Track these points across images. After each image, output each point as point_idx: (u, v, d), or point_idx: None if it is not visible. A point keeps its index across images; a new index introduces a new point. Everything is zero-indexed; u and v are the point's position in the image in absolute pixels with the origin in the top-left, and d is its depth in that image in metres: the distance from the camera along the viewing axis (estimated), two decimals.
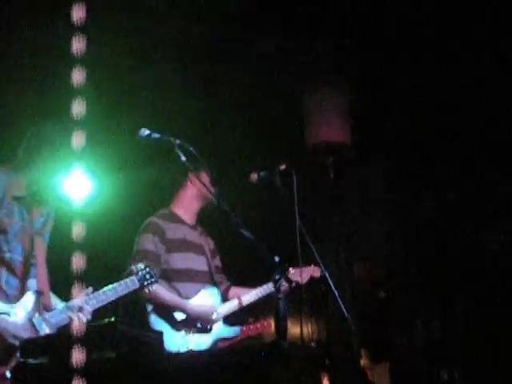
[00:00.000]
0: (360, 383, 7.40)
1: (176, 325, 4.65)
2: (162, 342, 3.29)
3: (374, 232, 8.19)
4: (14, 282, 3.83)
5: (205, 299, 4.84)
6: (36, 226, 3.99)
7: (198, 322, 4.70)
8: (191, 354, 4.07)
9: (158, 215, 4.98)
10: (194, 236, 5.05)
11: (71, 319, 3.77)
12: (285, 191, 4.46)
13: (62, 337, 3.38)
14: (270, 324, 5.26)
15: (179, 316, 4.68)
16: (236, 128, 6.79)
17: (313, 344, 5.49)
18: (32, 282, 3.90)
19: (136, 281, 4.11)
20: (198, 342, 4.69)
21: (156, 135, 4.18)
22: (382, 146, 7.21)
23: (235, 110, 6.78)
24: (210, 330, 4.78)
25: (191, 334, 4.66)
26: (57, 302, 3.98)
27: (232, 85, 6.56)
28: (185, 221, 5.03)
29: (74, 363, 3.09)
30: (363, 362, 9.07)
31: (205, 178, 4.89)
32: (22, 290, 3.84)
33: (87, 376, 2.99)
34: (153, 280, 4.20)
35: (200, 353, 4.10)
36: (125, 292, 4.03)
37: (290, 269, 4.80)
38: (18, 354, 3.41)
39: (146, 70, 6.27)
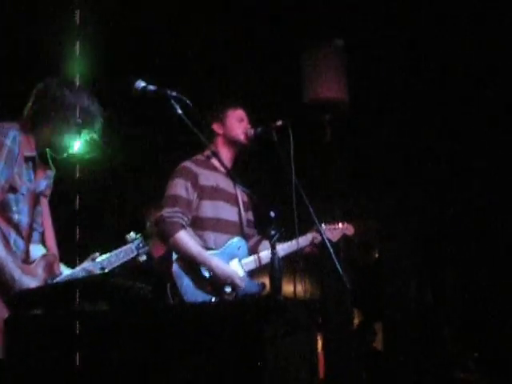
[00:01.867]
0: (353, 342, 7.47)
1: (201, 281, 4.45)
2: (155, 294, 3.27)
3: (369, 192, 8.20)
4: (21, 244, 3.74)
5: (231, 251, 4.66)
6: (41, 188, 3.91)
7: (226, 286, 4.47)
8: (185, 307, 3.99)
9: (191, 160, 4.78)
10: (228, 185, 4.82)
11: None
12: (281, 147, 4.42)
13: (56, 289, 3.36)
14: None
15: (204, 272, 4.46)
16: (232, 85, 6.72)
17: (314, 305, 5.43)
18: (36, 248, 3.84)
19: (134, 248, 4.13)
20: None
21: (151, 87, 4.11)
22: (379, 104, 7.16)
23: (232, 66, 6.73)
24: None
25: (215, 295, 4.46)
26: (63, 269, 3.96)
27: (230, 41, 6.48)
28: (219, 168, 4.80)
29: (67, 316, 3.07)
30: (356, 321, 9.15)
31: (242, 114, 4.87)
32: (27, 254, 3.77)
33: (80, 328, 2.97)
34: (145, 249, 4.21)
35: (194, 305, 4.01)
36: (125, 259, 4.08)
37: (323, 225, 4.82)
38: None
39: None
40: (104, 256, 3.99)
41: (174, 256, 4.43)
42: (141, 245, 4.17)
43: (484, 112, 7.11)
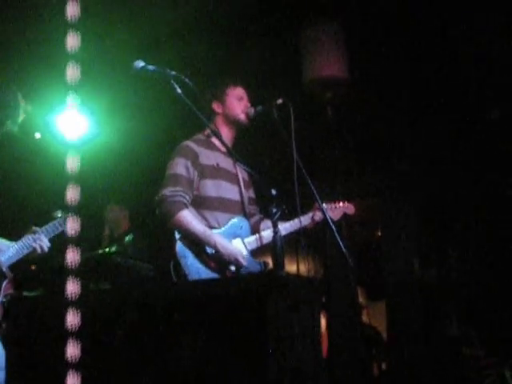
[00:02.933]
0: (356, 320, 7.48)
1: (205, 259, 4.40)
2: (157, 272, 3.26)
3: (374, 171, 8.18)
4: None
5: (234, 230, 4.63)
6: None
7: (229, 264, 4.43)
8: (187, 284, 3.97)
9: (192, 139, 4.75)
10: (228, 164, 4.80)
11: (34, 248, 4.18)
12: (282, 126, 4.41)
13: (57, 269, 3.37)
14: None
15: (209, 249, 4.42)
16: (232, 64, 6.69)
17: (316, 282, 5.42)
18: None
19: (62, 223, 4.44)
20: None
21: (151, 67, 4.13)
22: (381, 80, 7.12)
23: (232, 45, 6.70)
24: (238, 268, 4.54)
25: (219, 273, 4.48)
26: (3, 242, 4.21)
27: (227, 20, 6.44)
28: (219, 147, 4.78)
29: (70, 295, 3.07)
30: (360, 300, 9.14)
31: (242, 93, 4.86)
32: None
33: (83, 307, 2.96)
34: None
35: (196, 283, 4.00)
36: (56, 232, 4.40)
37: (324, 204, 4.81)
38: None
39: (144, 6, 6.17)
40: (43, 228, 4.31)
41: (177, 235, 4.40)
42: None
43: (486, 91, 7.08)
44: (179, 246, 4.37)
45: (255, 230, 4.81)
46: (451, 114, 7.48)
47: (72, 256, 3.09)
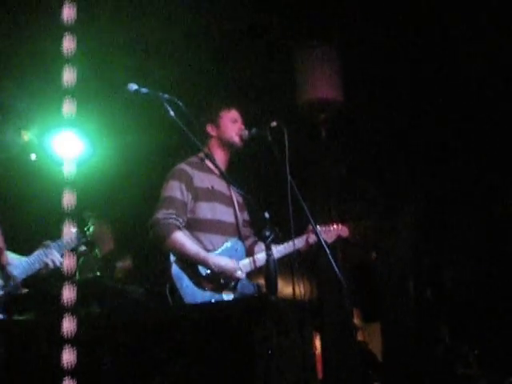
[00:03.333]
0: (351, 342, 7.45)
1: (199, 281, 4.40)
2: (146, 296, 3.25)
3: (366, 192, 8.19)
4: None
5: (229, 252, 4.61)
6: None
7: (221, 278, 4.45)
8: (177, 308, 3.97)
9: (186, 162, 4.76)
10: (223, 186, 4.80)
11: (46, 264, 4.18)
12: (276, 148, 4.41)
13: (48, 293, 3.36)
14: None
15: (203, 270, 4.42)
16: (226, 86, 6.70)
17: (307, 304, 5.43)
18: None
19: (74, 238, 4.51)
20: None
21: (144, 90, 4.14)
22: (375, 102, 7.14)
23: (225, 67, 6.71)
24: (235, 287, 4.53)
25: (215, 293, 4.49)
26: (15, 257, 4.22)
27: (221, 41, 6.46)
28: (213, 170, 4.77)
29: (65, 326, 3.06)
30: (355, 321, 9.12)
31: (236, 115, 4.86)
32: None
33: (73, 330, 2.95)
34: (84, 240, 4.67)
35: (186, 306, 3.99)
36: (67, 248, 4.43)
37: (318, 227, 4.80)
38: None
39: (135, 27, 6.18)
40: (51, 243, 4.32)
41: (172, 258, 4.40)
42: (79, 236, 4.55)
43: (479, 101, 7.09)
44: (175, 269, 4.36)
45: (250, 252, 4.80)
46: (443, 133, 7.50)
47: (69, 292, 3.09)
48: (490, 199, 8.12)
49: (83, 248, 4.38)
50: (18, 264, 4.08)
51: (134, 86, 4.14)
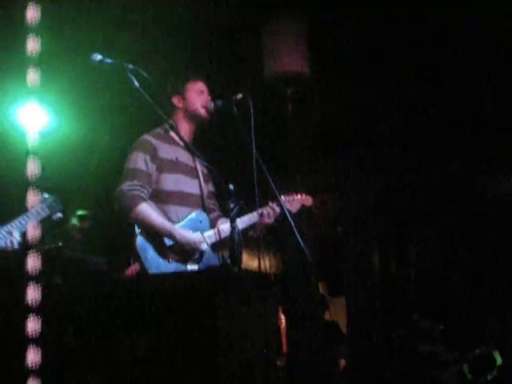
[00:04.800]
0: (316, 315, 7.50)
1: (164, 252, 4.38)
2: (108, 265, 3.24)
3: (333, 166, 8.22)
4: None
5: (193, 224, 4.59)
6: None
7: (186, 250, 4.43)
8: (138, 278, 3.96)
9: (150, 133, 4.71)
10: (187, 158, 4.76)
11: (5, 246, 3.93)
12: (241, 121, 4.40)
13: (9, 264, 3.33)
14: None
15: (167, 241, 4.40)
16: (192, 57, 6.67)
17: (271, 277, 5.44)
18: None
19: (45, 207, 4.23)
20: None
21: (108, 60, 4.09)
22: (341, 76, 7.14)
23: (193, 39, 6.67)
24: (200, 259, 4.51)
25: (179, 264, 4.48)
26: None
27: (188, 12, 6.42)
28: (178, 142, 4.74)
29: (30, 295, 3.04)
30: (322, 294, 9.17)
31: (202, 87, 4.82)
32: None
33: (36, 302, 2.94)
34: (59, 207, 4.31)
35: (149, 276, 3.99)
36: (37, 219, 4.15)
37: (282, 197, 4.80)
38: None
39: None
40: (16, 220, 4.03)
41: (137, 230, 4.39)
42: (54, 203, 4.26)
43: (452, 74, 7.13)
44: (139, 240, 4.36)
45: (214, 224, 4.80)
46: (411, 112, 7.53)
47: (33, 261, 3.06)
48: (456, 174, 8.18)
49: (59, 215, 4.22)
50: None
51: (98, 56, 4.09)
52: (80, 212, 6.75)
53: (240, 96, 4.47)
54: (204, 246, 4.49)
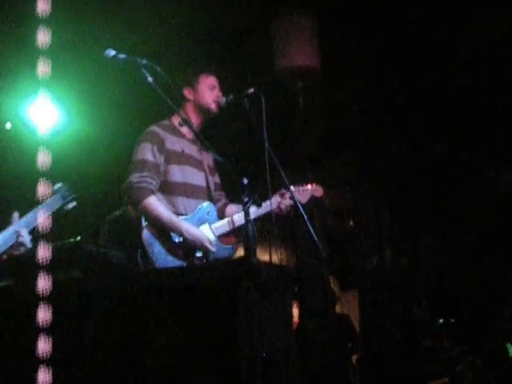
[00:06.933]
0: (329, 309, 7.50)
1: (171, 247, 4.40)
2: (128, 260, 3.24)
3: (345, 160, 8.22)
4: None
5: (201, 215, 4.61)
6: None
7: (197, 251, 4.43)
8: (159, 272, 3.95)
9: (157, 124, 4.73)
10: (193, 150, 4.79)
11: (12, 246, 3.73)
12: (253, 115, 4.40)
13: (28, 258, 3.33)
14: None
15: (175, 237, 4.42)
16: (204, 52, 6.68)
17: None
18: None
19: (57, 198, 4.03)
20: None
21: (122, 55, 4.09)
22: (352, 70, 7.14)
23: (205, 35, 6.68)
24: (206, 257, 4.48)
25: (186, 261, 4.40)
26: None
27: (201, 7, 6.43)
28: (184, 134, 4.78)
29: (40, 285, 3.03)
30: (335, 289, 9.17)
31: (214, 82, 4.83)
32: None
33: (54, 297, 2.94)
34: (73, 196, 4.12)
35: (168, 270, 3.98)
36: (51, 210, 3.96)
37: (292, 187, 4.80)
38: None
39: None
40: (27, 213, 3.83)
41: (144, 223, 4.39)
42: (66, 193, 4.10)
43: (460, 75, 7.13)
44: (145, 234, 4.37)
45: (222, 214, 4.82)
46: (424, 105, 7.52)
47: (43, 251, 3.04)
48: (468, 170, 8.17)
49: (73, 204, 4.11)
50: None
51: (111, 52, 4.09)
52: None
53: (252, 90, 4.47)
54: (210, 247, 4.47)
